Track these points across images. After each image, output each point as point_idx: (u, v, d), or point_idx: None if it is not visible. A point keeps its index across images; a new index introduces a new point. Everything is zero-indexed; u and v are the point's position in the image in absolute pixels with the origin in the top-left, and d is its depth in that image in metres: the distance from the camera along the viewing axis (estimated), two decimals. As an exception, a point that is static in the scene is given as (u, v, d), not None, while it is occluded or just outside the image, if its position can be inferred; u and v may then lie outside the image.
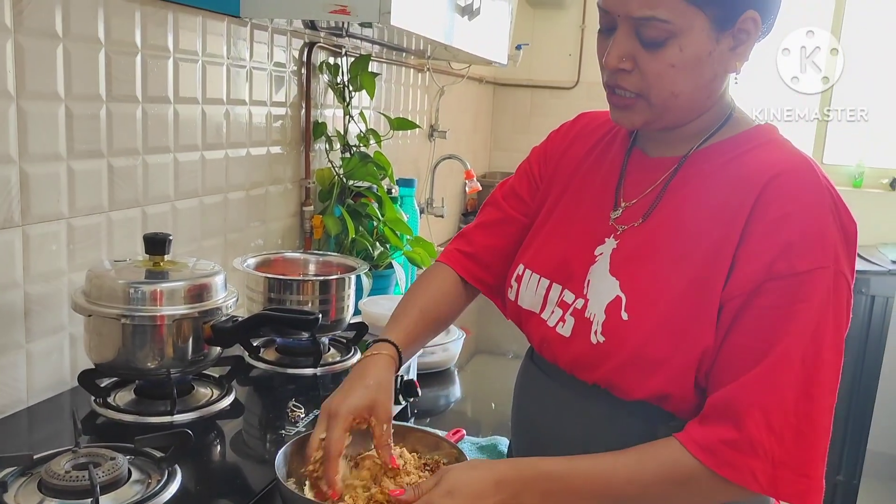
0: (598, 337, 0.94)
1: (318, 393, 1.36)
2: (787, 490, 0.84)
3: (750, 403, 0.85)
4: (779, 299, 0.86)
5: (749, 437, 0.84)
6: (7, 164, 1.14)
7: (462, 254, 1.17)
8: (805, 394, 0.84)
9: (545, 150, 1.17)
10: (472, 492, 0.85)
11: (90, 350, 1.19)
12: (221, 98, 1.64)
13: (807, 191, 0.88)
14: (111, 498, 0.93)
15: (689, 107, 0.94)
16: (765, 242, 0.87)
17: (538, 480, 0.88)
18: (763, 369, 0.85)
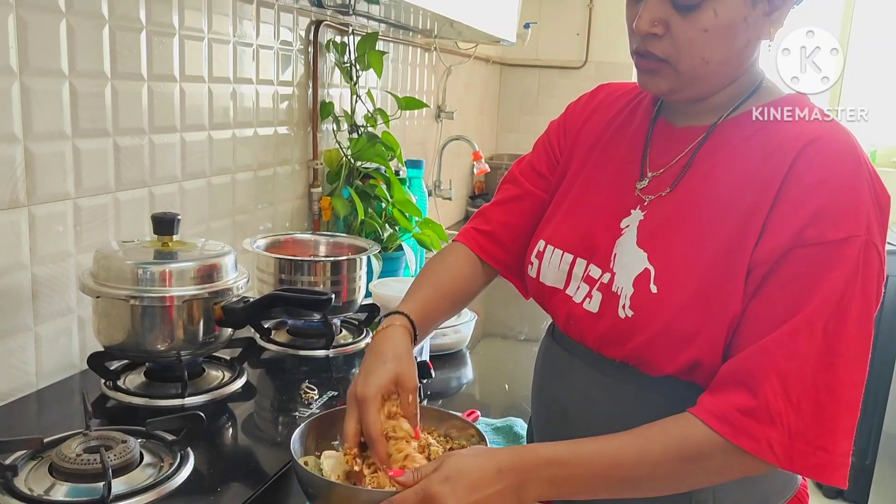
0: (626, 311, 0.92)
1: (331, 375, 1.34)
2: (803, 463, 0.81)
3: (767, 369, 0.81)
4: (805, 267, 0.83)
5: (767, 405, 0.81)
6: (11, 142, 1.11)
7: (479, 232, 1.14)
8: (826, 364, 0.81)
9: (564, 122, 1.14)
10: (472, 480, 0.82)
11: (99, 332, 1.17)
12: (228, 77, 1.61)
13: (842, 158, 0.85)
14: (123, 481, 0.91)
15: (719, 75, 0.91)
16: (796, 209, 0.84)
17: (542, 467, 0.84)
18: (782, 335, 0.82)
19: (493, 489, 0.82)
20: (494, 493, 0.82)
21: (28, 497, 0.87)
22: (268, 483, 0.96)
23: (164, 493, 0.91)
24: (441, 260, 1.13)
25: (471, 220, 1.19)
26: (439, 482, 0.81)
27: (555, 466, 0.85)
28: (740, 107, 0.94)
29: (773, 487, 0.98)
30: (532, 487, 0.84)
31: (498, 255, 1.13)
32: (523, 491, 0.84)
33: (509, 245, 1.12)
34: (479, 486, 0.81)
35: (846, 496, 3.10)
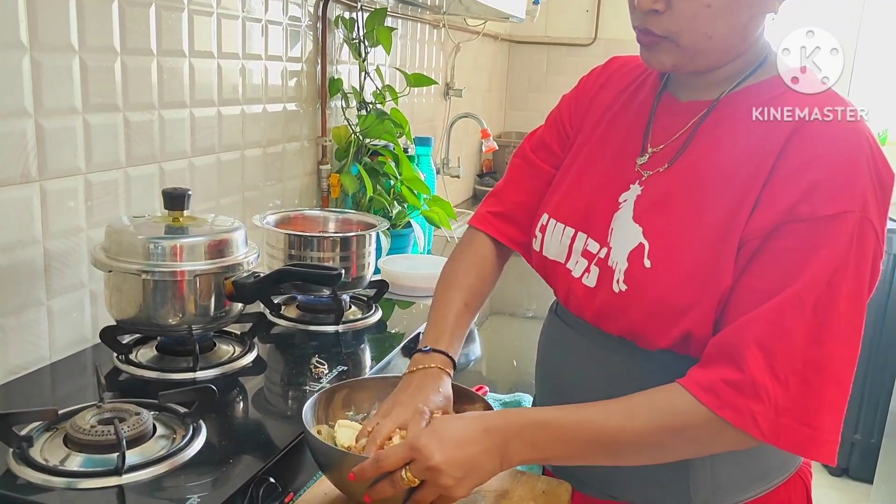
0: (620, 286, 0.92)
1: (340, 350, 1.35)
2: (788, 439, 0.81)
3: (752, 342, 0.81)
4: (797, 242, 0.82)
5: (752, 379, 0.80)
6: (23, 116, 1.12)
7: (494, 216, 1.14)
8: (815, 341, 0.81)
9: (576, 95, 1.13)
10: (457, 436, 0.83)
11: (111, 306, 1.17)
12: (237, 53, 1.60)
13: (841, 132, 0.84)
14: (137, 452, 0.92)
15: (723, 50, 0.90)
16: (789, 183, 0.83)
17: (527, 428, 0.86)
18: (769, 309, 0.82)
19: (479, 447, 0.84)
20: (481, 452, 0.84)
21: (44, 467, 0.88)
22: (279, 455, 0.97)
23: (178, 465, 0.92)
24: (469, 259, 1.14)
25: (484, 201, 1.19)
26: (426, 436, 0.83)
27: (539, 429, 0.86)
28: (744, 81, 0.93)
29: (772, 464, 0.98)
30: (515, 448, 0.85)
31: (515, 236, 1.13)
32: (506, 451, 0.85)
33: (524, 224, 1.12)
34: (466, 443, 0.83)
35: (851, 474, 3.12)
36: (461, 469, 0.83)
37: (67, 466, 0.90)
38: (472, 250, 1.14)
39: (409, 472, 0.83)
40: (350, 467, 0.86)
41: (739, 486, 0.97)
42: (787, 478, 1.00)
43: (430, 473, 0.82)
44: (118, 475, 0.87)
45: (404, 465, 0.83)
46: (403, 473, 0.83)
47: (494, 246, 1.14)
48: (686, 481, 0.96)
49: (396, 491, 0.84)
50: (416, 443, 0.83)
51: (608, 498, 1.02)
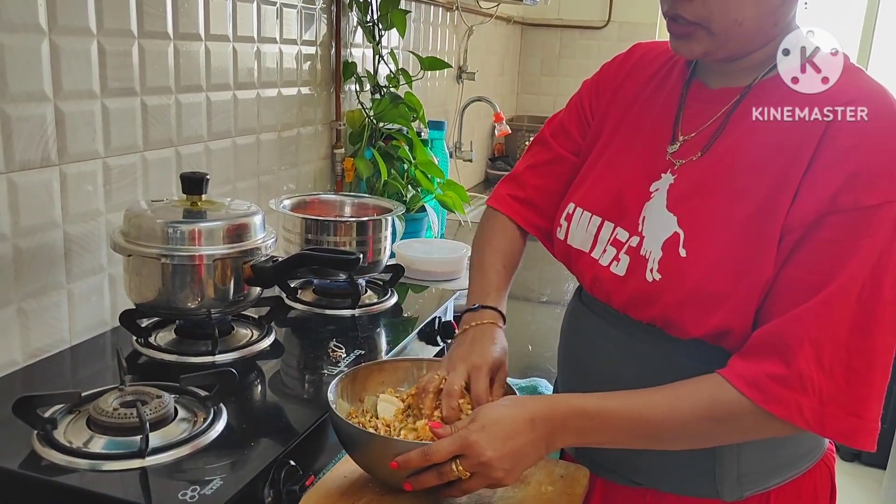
0: (654, 275, 0.91)
1: (357, 334, 1.35)
2: (835, 428, 0.82)
3: (801, 337, 0.82)
4: (840, 233, 0.82)
5: (799, 373, 0.81)
6: (42, 101, 1.12)
7: (515, 200, 1.15)
8: (860, 330, 0.81)
9: (598, 82, 1.12)
10: (505, 429, 0.85)
11: (130, 290, 1.18)
12: (252, 36, 1.60)
13: (880, 120, 0.83)
14: (159, 435, 0.93)
15: (754, 35, 0.89)
16: (830, 172, 0.83)
17: (572, 418, 0.87)
18: (817, 303, 0.82)
19: (526, 438, 0.85)
20: (528, 442, 0.85)
21: (67, 449, 0.89)
22: (299, 438, 0.98)
23: (199, 447, 0.93)
24: (497, 238, 1.15)
25: (503, 183, 1.19)
26: (476, 431, 0.84)
27: (584, 418, 0.87)
28: (776, 67, 0.91)
29: (798, 451, 0.99)
30: (560, 436, 0.87)
31: (536, 221, 1.14)
32: (552, 439, 0.87)
33: (545, 210, 1.13)
34: (514, 434, 0.84)
35: (864, 460, 3.12)
36: (511, 461, 0.84)
37: (91, 448, 0.91)
38: (499, 226, 1.16)
39: (459, 466, 0.84)
40: (377, 448, 0.87)
41: (765, 474, 0.97)
42: (813, 464, 1.01)
43: (483, 468, 0.84)
44: (141, 457, 0.88)
45: (453, 459, 0.84)
46: (455, 467, 0.84)
47: (518, 229, 1.15)
48: (712, 469, 0.96)
49: (442, 481, 0.85)
50: (468, 439, 0.84)
51: (632, 484, 1.02)
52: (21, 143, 1.09)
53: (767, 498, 0.97)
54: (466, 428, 0.85)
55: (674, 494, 0.99)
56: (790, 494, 0.98)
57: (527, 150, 1.19)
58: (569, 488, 0.99)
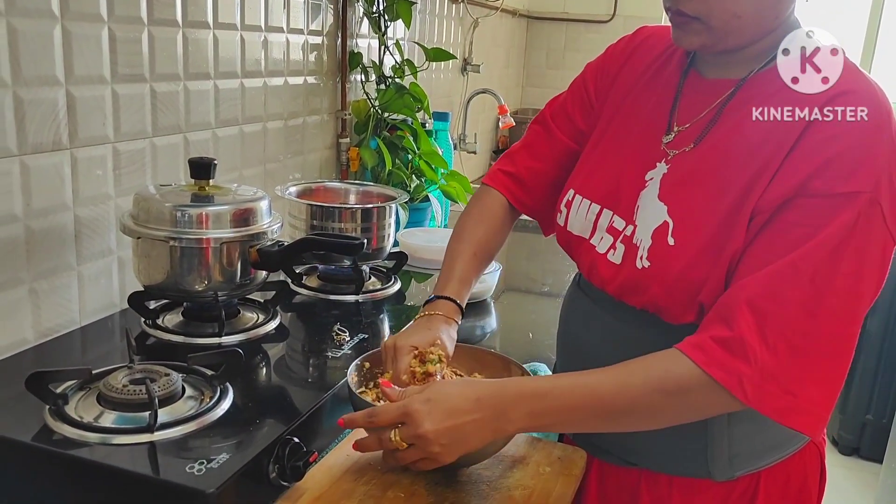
0: (643, 262, 0.94)
1: (361, 319, 1.37)
2: (770, 405, 0.82)
3: (743, 302, 0.82)
4: (806, 217, 0.83)
5: (741, 338, 0.81)
6: (55, 85, 1.14)
7: (508, 177, 1.17)
8: (808, 311, 0.82)
9: (602, 64, 1.13)
10: (449, 405, 0.84)
11: (139, 272, 1.21)
12: (259, 25, 1.62)
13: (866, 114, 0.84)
14: (167, 412, 0.95)
15: (752, 29, 0.90)
16: (806, 159, 0.84)
17: (523, 399, 0.86)
18: (764, 273, 0.83)
19: (469, 417, 0.84)
20: (471, 421, 0.84)
21: (79, 423, 0.92)
22: (303, 417, 1.00)
23: (206, 424, 0.95)
24: (479, 216, 1.16)
25: (499, 160, 1.21)
26: (420, 402, 0.85)
27: (535, 399, 0.86)
28: (773, 60, 0.93)
29: (789, 432, 1.00)
30: (511, 419, 0.86)
31: (525, 199, 1.16)
32: (501, 422, 0.86)
33: (534, 189, 1.15)
34: (457, 412, 0.84)
35: (863, 454, 3.13)
36: (449, 437, 0.84)
37: (101, 423, 0.93)
38: (482, 205, 1.17)
39: (397, 435, 0.85)
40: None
41: (756, 454, 0.99)
42: (802, 446, 1.02)
43: (419, 440, 0.84)
44: (150, 432, 0.91)
45: (394, 425, 0.85)
46: (392, 435, 0.85)
47: (505, 202, 1.17)
48: (704, 449, 0.98)
49: (382, 447, 0.87)
50: (409, 408, 0.84)
51: (627, 465, 1.05)
52: (34, 126, 1.12)
53: (758, 478, 1.00)
54: (412, 397, 0.86)
55: (667, 474, 1.02)
56: (780, 475, 1.00)
57: (527, 131, 1.20)
58: (566, 469, 1.02)
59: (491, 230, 1.15)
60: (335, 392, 1.08)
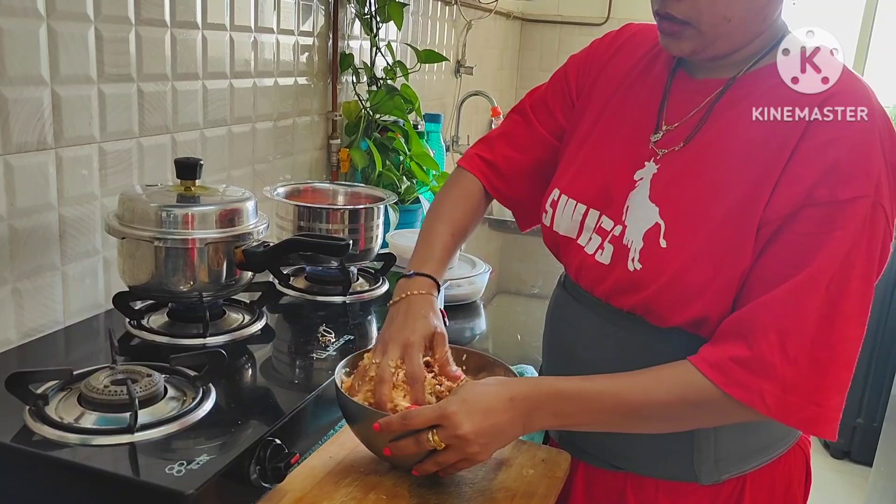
0: (635, 264, 0.93)
1: (348, 320, 1.37)
2: (795, 416, 0.84)
3: (766, 324, 0.83)
4: (814, 226, 0.84)
5: (761, 357, 0.83)
6: (40, 85, 1.14)
7: (484, 162, 1.16)
8: (827, 320, 0.83)
9: (586, 59, 1.13)
10: (485, 405, 0.86)
11: (124, 273, 1.20)
12: (249, 26, 1.62)
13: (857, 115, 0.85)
14: (148, 413, 0.95)
15: (741, 32, 0.90)
16: (808, 166, 0.84)
17: (552, 399, 0.89)
18: (783, 291, 0.84)
19: (505, 416, 0.86)
20: (506, 420, 0.87)
21: (59, 424, 0.91)
22: (285, 419, 0.99)
23: (187, 425, 0.95)
24: (456, 195, 1.16)
25: (476, 144, 1.21)
26: (456, 403, 0.86)
27: (564, 400, 0.89)
28: (761, 60, 0.93)
29: (775, 436, 1.01)
30: (538, 417, 0.89)
31: (502, 188, 1.16)
32: (530, 420, 0.88)
33: (509, 178, 1.15)
34: (493, 411, 0.86)
35: (853, 457, 3.14)
36: (487, 437, 0.86)
37: (82, 424, 0.92)
38: (459, 187, 1.17)
39: (435, 436, 0.85)
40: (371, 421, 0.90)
41: (742, 458, 1.00)
42: (788, 449, 1.03)
43: (458, 441, 0.85)
44: (130, 433, 0.90)
45: (431, 427, 0.86)
46: (430, 436, 0.85)
47: (482, 188, 1.16)
48: (690, 453, 0.98)
49: (419, 450, 0.87)
50: (446, 410, 0.85)
51: (613, 468, 1.05)
52: (18, 125, 1.11)
53: (744, 482, 1.00)
54: (447, 399, 0.87)
55: (653, 478, 1.02)
56: (765, 478, 1.01)
57: (505, 119, 1.20)
58: (549, 472, 1.01)
59: (469, 213, 1.15)
60: (319, 393, 1.07)
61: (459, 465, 0.89)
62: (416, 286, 1.04)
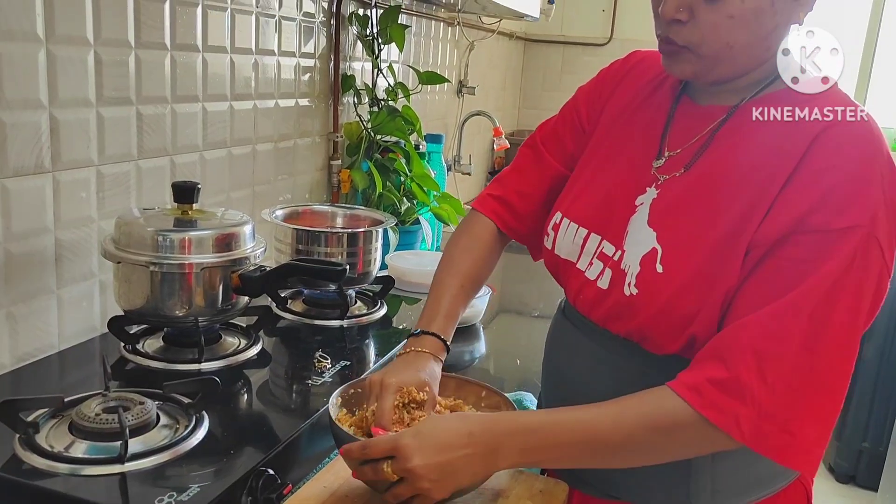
0: (630, 289, 0.92)
1: (345, 344, 1.36)
2: (767, 443, 0.81)
3: (744, 345, 0.81)
4: (804, 253, 0.82)
5: (738, 379, 0.80)
6: (37, 108, 1.13)
7: (497, 201, 1.15)
8: (807, 348, 0.81)
9: (594, 88, 1.12)
10: (440, 441, 0.83)
11: (119, 297, 1.19)
12: (250, 48, 1.62)
13: (856, 145, 0.84)
14: (140, 441, 0.94)
15: (744, 60, 0.90)
16: (802, 193, 0.83)
17: (515, 435, 0.85)
18: (766, 314, 0.82)
19: (461, 452, 0.83)
20: (462, 457, 0.83)
21: (48, 453, 0.90)
22: (279, 447, 0.98)
23: (180, 454, 0.93)
24: (466, 242, 1.14)
25: (490, 185, 1.19)
26: (410, 436, 0.84)
27: (527, 434, 0.85)
28: (766, 88, 0.92)
29: (774, 469, 0.99)
30: (504, 454, 0.85)
31: (515, 226, 1.15)
32: (493, 457, 0.85)
33: (523, 215, 1.14)
34: (447, 447, 0.83)
35: (859, 482, 3.10)
36: (439, 473, 0.83)
37: (72, 453, 0.91)
38: (470, 233, 1.15)
39: (389, 467, 0.84)
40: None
41: (739, 491, 0.97)
42: (788, 484, 1.01)
43: (408, 474, 0.83)
44: (121, 463, 0.89)
45: (385, 458, 0.84)
46: (385, 466, 0.84)
47: (494, 228, 1.15)
48: (686, 484, 0.96)
49: (376, 478, 0.85)
50: (399, 442, 0.83)
51: (608, 497, 1.03)
52: (15, 149, 1.11)
53: (741, 515, 0.98)
54: (402, 432, 0.86)
55: (649, 509, 1.00)
56: (764, 513, 0.99)
57: (517, 155, 1.19)
58: (547, 502, 1.00)
59: (480, 259, 1.13)
60: (313, 421, 1.06)
61: (415, 502, 0.85)
62: (422, 344, 1.02)
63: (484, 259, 1.14)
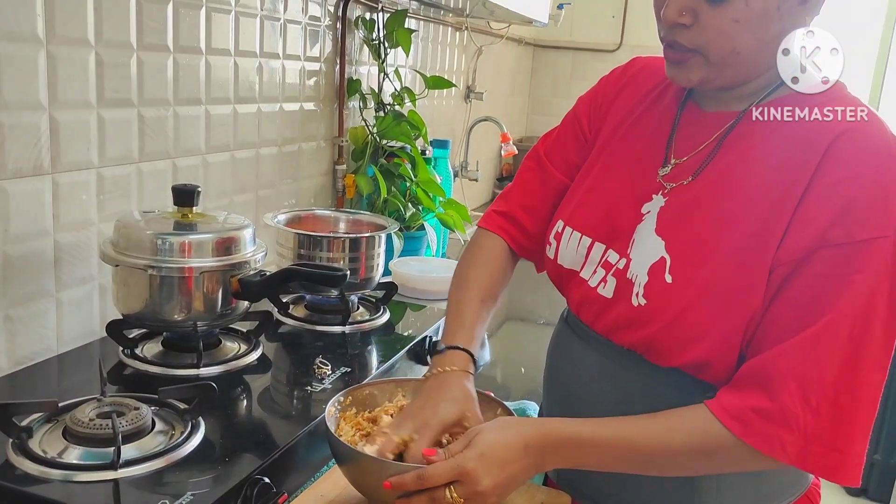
0: (639, 300, 0.90)
1: (346, 351, 1.34)
2: (816, 464, 0.81)
3: (786, 373, 0.80)
4: (831, 269, 0.80)
5: (782, 408, 0.80)
6: (37, 110, 1.12)
7: (504, 218, 1.13)
8: (849, 367, 0.80)
9: (595, 97, 1.10)
10: (501, 457, 0.84)
11: (118, 301, 1.18)
12: (255, 51, 1.61)
13: (873, 152, 0.82)
14: (134, 447, 0.93)
15: (751, 65, 0.88)
16: (822, 206, 0.81)
17: (564, 445, 0.86)
18: (804, 339, 0.80)
19: (520, 465, 0.85)
20: (521, 468, 0.85)
21: (41, 458, 0.89)
22: (276, 455, 0.97)
23: (174, 461, 0.92)
24: (479, 258, 1.12)
25: (496, 202, 1.17)
26: (474, 459, 0.83)
27: (576, 446, 0.87)
28: (773, 93, 0.90)
29: (780, 485, 0.97)
30: (550, 461, 0.87)
31: (519, 239, 1.12)
32: (542, 463, 0.87)
33: (530, 230, 1.11)
34: (509, 462, 0.84)
35: (870, 494, 3.06)
36: (504, 487, 0.85)
37: (65, 459, 0.90)
38: (481, 250, 1.13)
39: (454, 493, 0.83)
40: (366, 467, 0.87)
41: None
42: (795, 500, 0.99)
43: (478, 496, 0.83)
44: (114, 469, 0.88)
45: (448, 483, 0.83)
46: (448, 494, 0.82)
47: (504, 245, 1.13)
48: (691, 498, 0.94)
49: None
50: (465, 467, 0.82)
51: None
52: (14, 150, 1.10)
53: (748, 531, 0.96)
54: (463, 454, 0.84)
55: (652, 522, 0.98)
56: (771, 529, 0.96)
57: (520, 168, 1.17)
58: (548, 514, 0.98)
59: (496, 274, 1.11)
60: (311, 429, 1.04)
61: None
62: (449, 362, 0.98)
63: (499, 274, 1.12)
